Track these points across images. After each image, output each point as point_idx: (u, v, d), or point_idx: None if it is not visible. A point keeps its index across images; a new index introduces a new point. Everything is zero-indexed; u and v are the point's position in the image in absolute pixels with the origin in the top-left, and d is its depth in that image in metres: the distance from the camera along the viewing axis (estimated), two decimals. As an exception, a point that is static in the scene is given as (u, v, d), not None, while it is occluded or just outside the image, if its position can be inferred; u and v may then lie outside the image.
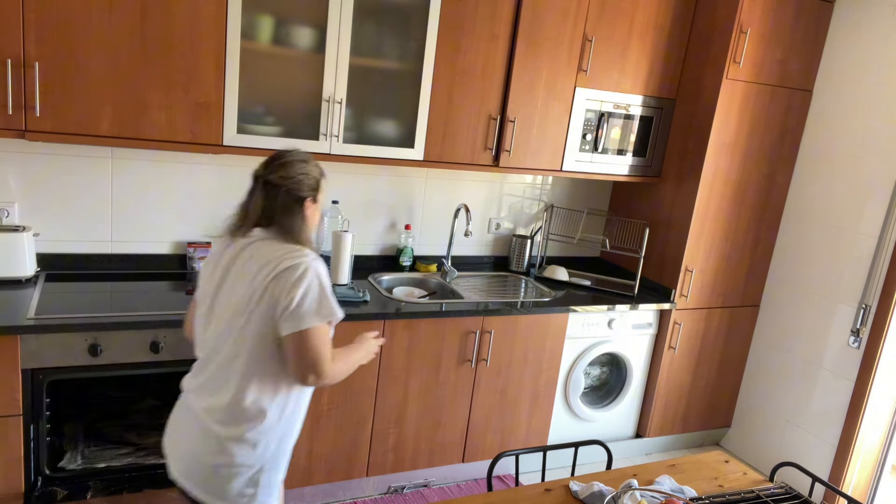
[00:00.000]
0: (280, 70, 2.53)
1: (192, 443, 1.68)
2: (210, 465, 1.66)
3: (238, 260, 1.70)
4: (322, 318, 1.65)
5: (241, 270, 1.67)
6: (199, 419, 1.67)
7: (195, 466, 1.67)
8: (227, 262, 1.71)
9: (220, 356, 1.67)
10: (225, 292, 1.69)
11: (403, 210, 3.27)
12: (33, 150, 2.55)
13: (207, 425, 1.66)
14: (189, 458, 1.68)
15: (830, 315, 3.27)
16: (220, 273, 1.71)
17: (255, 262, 1.66)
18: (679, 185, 3.32)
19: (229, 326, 1.65)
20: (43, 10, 2.15)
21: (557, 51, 2.97)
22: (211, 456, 1.65)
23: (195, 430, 1.68)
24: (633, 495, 1.73)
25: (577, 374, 3.24)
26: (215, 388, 1.67)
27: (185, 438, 1.70)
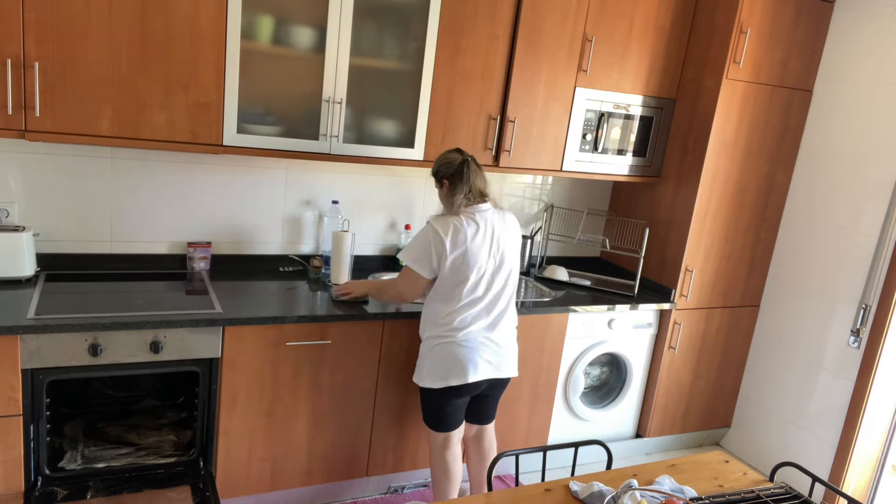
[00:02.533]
0: (280, 70, 2.53)
1: (507, 352, 2.51)
2: (516, 353, 2.59)
3: (498, 231, 2.42)
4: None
5: (504, 239, 2.43)
6: (503, 339, 2.49)
7: (513, 359, 2.55)
8: (491, 232, 2.40)
9: (502, 302, 2.46)
10: (500, 257, 2.42)
11: (403, 210, 3.27)
12: (33, 150, 2.55)
13: (510, 339, 2.53)
14: (510, 358, 2.53)
15: (830, 315, 3.27)
16: (489, 241, 2.39)
17: (508, 227, 2.46)
18: (679, 185, 3.32)
19: (508, 282, 2.46)
20: (43, 10, 2.16)
21: (557, 51, 2.97)
22: (516, 348, 2.58)
23: (505, 344, 2.50)
24: (633, 495, 1.73)
25: (577, 374, 3.24)
26: (508, 321, 2.51)
27: (499, 353, 2.48)
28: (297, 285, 2.83)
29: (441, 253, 2.34)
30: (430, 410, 2.54)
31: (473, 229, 2.37)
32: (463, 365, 2.42)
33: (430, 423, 2.56)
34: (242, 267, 2.99)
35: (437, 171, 2.44)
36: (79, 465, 2.38)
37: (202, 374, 2.42)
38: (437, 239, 2.33)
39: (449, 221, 2.35)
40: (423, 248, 2.36)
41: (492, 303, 2.44)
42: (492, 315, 2.45)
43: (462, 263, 2.36)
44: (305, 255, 3.11)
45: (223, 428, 2.51)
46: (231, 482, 2.59)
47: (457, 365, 2.42)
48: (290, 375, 2.57)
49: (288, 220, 3.04)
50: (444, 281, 2.39)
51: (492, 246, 2.40)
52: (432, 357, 2.44)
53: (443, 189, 2.44)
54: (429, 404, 2.53)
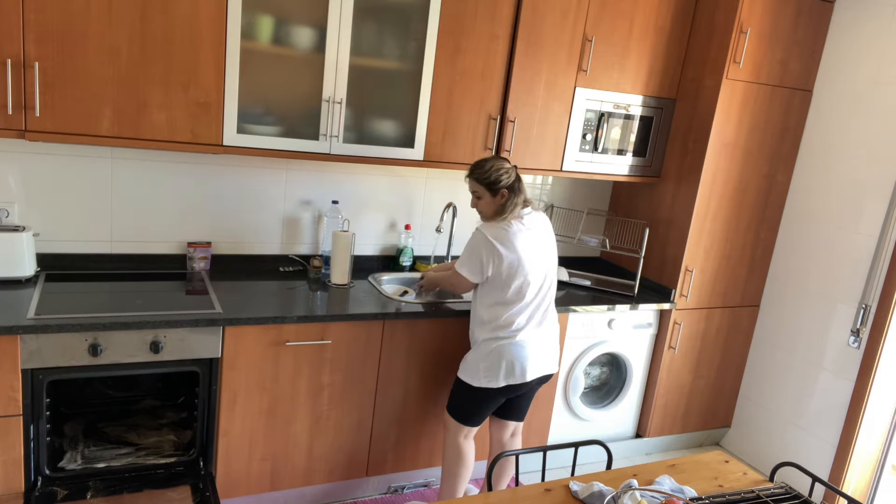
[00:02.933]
0: (280, 70, 2.53)
1: (552, 348, 2.60)
2: (558, 352, 2.67)
3: (540, 233, 2.50)
4: None
5: (545, 240, 2.52)
6: (549, 337, 2.58)
7: (557, 356, 2.64)
8: (538, 234, 2.48)
9: (547, 300, 2.55)
10: (545, 257, 2.50)
11: (403, 210, 3.27)
12: (33, 150, 2.55)
13: (554, 336, 2.62)
14: (556, 354, 2.63)
15: (830, 315, 3.27)
16: (537, 243, 2.47)
17: (547, 228, 2.56)
18: (679, 185, 3.32)
19: (552, 280, 2.55)
20: (43, 10, 2.16)
21: (557, 51, 2.97)
22: (558, 344, 2.69)
23: (551, 342, 2.59)
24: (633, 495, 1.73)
25: (577, 374, 3.24)
26: (552, 318, 2.60)
27: (546, 350, 2.56)
28: (297, 285, 2.83)
29: (493, 260, 2.40)
30: (468, 406, 2.57)
31: (525, 234, 2.43)
32: (522, 365, 2.49)
33: (462, 417, 2.59)
34: (242, 267, 2.99)
35: (497, 181, 2.43)
36: (79, 465, 2.38)
37: (202, 374, 2.42)
38: (489, 246, 2.39)
39: (500, 228, 2.41)
40: (474, 257, 2.43)
41: (540, 302, 2.52)
42: (540, 314, 2.53)
43: (518, 267, 2.41)
44: (305, 255, 3.11)
45: (223, 428, 2.51)
46: (231, 482, 2.59)
47: (517, 365, 2.48)
48: (290, 375, 2.57)
49: (288, 220, 3.04)
50: (499, 285, 2.44)
51: (539, 248, 2.48)
52: (492, 357, 2.47)
53: (497, 198, 2.45)
54: (472, 400, 2.55)
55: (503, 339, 2.47)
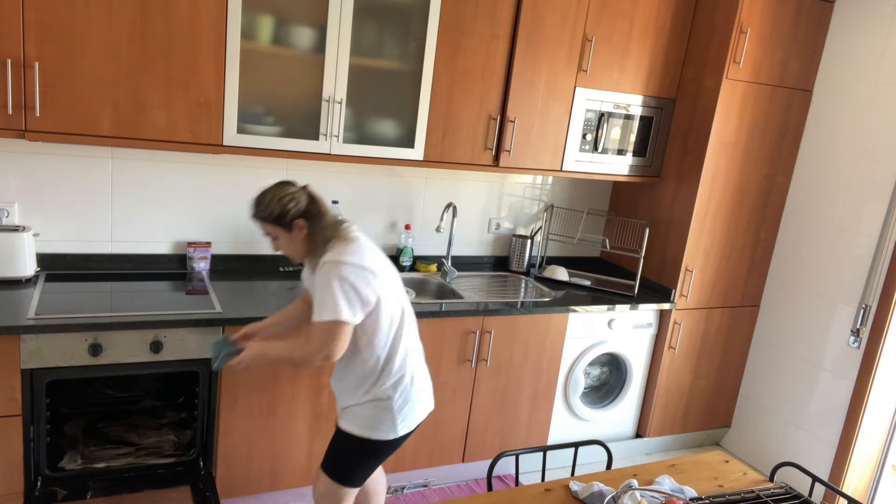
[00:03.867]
0: (280, 70, 2.53)
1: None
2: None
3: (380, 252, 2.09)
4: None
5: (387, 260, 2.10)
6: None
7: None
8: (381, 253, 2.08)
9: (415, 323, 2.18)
10: (397, 277, 2.12)
11: (403, 210, 3.27)
12: (33, 150, 2.55)
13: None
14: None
15: (830, 315, 3.27)
16: (387, 261, 2.09)
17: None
18: (679, 185, 3.32)
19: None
20: (43, 10, 2.16)
21: (557, 51, 2.97)
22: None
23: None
24: (633, 495, 1.73)
25: (577, 374, 3.24)
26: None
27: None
28: (297, 285, 2.83)
29: (369, 283, 1.93)
30: (368, 464, 2.11)
31: (374, 248, 2.05)
32: (428, 395, 2.17)
33: (354, 479, 2.11)
34: (242, 267, 2.99)
35: (283, 213, 1.95)
36: (79, 465, 2.38)
37: (202, 375, 2.42)
38: (355, 271, 1.91)
39: (347, 249, 1.94)
40: (345, 291, 1.89)
41: (413, 323, 2.15)
42: (417, 335, 2.19)
43: (389, 286, 2.02)
44: (305, 255, 3.11)
45: (223, 428, 2.51)
46: (231, 482, 2.59)
47: (425, 397, 2.14)
48: (290, 375, 2.57)
49: (288, 220, 3.04)
50: (378, 314, 1.98)
51: (390, 265, 2.09)
52: (401, 402, 2.05)
53: (295, 232, 1.98)
54: (375, 456, 2.10)
55: (405, 378, 2.06)
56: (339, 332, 1.90)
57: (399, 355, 2.05)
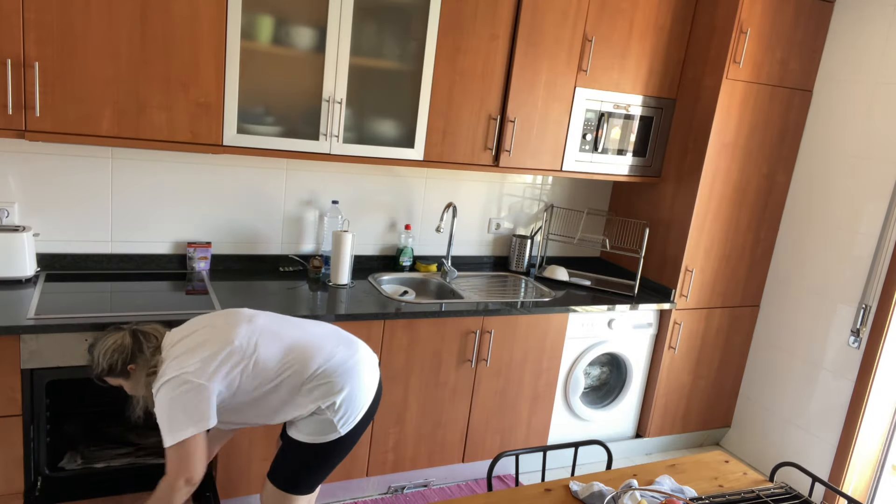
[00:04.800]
0: (280, 70, 2.53)
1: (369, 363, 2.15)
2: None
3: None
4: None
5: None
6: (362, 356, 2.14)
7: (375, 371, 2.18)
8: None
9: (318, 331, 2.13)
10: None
11: (403, 210, 3.27)
12: (33, 150, 2.55)
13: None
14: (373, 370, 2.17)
15: (830, 315, 3.27)
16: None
17: None
18: (679, 185, 3.32)
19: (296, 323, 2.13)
20: (43, 10, 2.16)
21: (557, 51, 2.97)
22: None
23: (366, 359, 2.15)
24: (633, 495, 1.73)
25: (577, 374, 3.24)
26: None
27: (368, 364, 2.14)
28: (297, 285, 2.83)
29: (195, 385, 1.82)
30: (324, 467, 2.05)
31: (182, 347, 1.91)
32: (365, 390, 2.07)
33: (307, 486, 2.05)
34: (242, 267, 2.99)
35: (112, 366, 1.91)
36: (79, 465, 2.38)
37: (202, 374, 2.42)
38: (177, 385, 1.81)
39: (169, 364, 1.86)
40: (188, 406, 1.81)
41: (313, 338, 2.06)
42: (334, 341, 2.09)
43: (246, 350, 1.92)
44: (305, 255, 3.11)
45: (223, 428, 2.51)
46: (231, 482, 2.59)
47: (361, 394, 2.06)
48: (290, 375, 2.57)
49: (288, 220, 3.04)
50: (247, 368, 1.91)
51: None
52: (333, 409, 1.98)
53: (135, 377, 1.92)
54: (324, 461, 2.04)
55: (317, 378, 1.98)
56: (188, 449, 1.81)
57: (303, 380, 1.96)
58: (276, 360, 1.95)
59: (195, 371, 1.83)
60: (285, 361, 1.96)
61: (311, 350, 2.00)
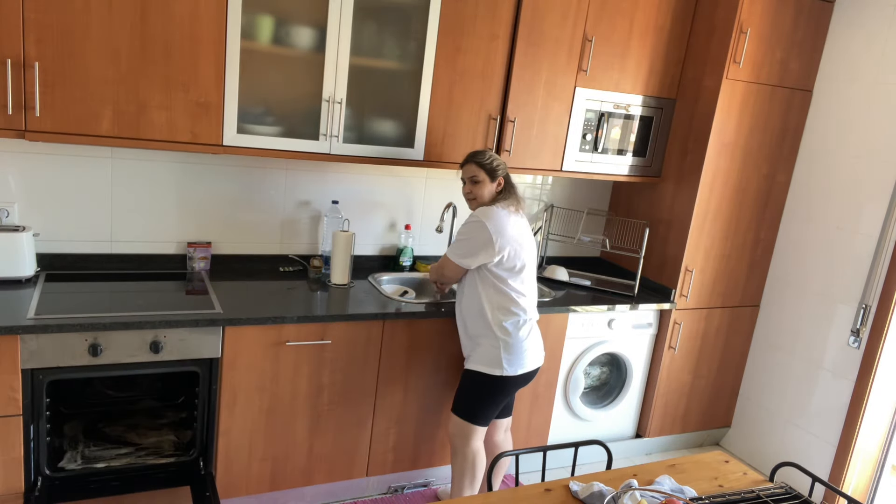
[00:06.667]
0: (280, 70, 2.53)
1: (541, 339, 2.66)
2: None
3: (528, 228, 2.59)
4: None
5: (531, 237, 2.60)
6: (537, 328, 2.65)
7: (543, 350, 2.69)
8: (526, 228, 2.57)
9: (536, 291, 2.67)
10: (533, 251, 2.59)
11: (403, 210, 3.27)
12: (33, 150, 2.55)
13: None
14: (542, 347, 2.67)
15: (830, 315, 3.27)
16: (528, 235, 2.57)
17: (530, 232, 2.62)
18: (679, 185, 3.32)
19: (535, 274, 2.64)
20: (43, 10, 2.16)
21: (557, 51, 2.97)
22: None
23: (539, 333, 2.66)
24: (633, 495, 1.73)
25: (577, 374, 3.24)
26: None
27: (540, 340, 2.64)
28: (297, 285, 2.83)
29: (496, 244, 2.43)
30: (487, 402, 2.55)
31: (519, 221, 2.52)
32: (540, 347, 2.60)
33: (474, 416, 2.55)
34: (242, 267, 2.99)
35: (496, 168, 2.54)
36: (79, 465, 2.38)
37: (202, 374, 2.42)
38: (485, 233, 2.43)
39: (497, 211, 2.46)
40: (468, 244, 2.46)
41: (534, 291, 2.60)
42: (536, 302, 2.62)
43: (520, 251, 2.48)
44: (305, 255, 3.11)
45: (223, 428, 2.51)
46: (231, 482, 2.59)
47: (537, 348, 2.57)
48: (290, 375, 2.57)
49: (288, 220, 3.04)
50: (506, 269, 2.47)
51: (530, 239, 2.57)
52: (514, 343, 2.49)
53: (495, 184, 2.55)
54: (489, 394, 2.54)
55: (522, 325, 2.50)
56: (449, 266, 2.53)
57: (512, 307, 2.48)
58: (518, 278, 2.50)
59: (495, 230, 2.43)
60: (529, 287, 2.55)
61: (533, 298, 2.57)
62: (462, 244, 2.48)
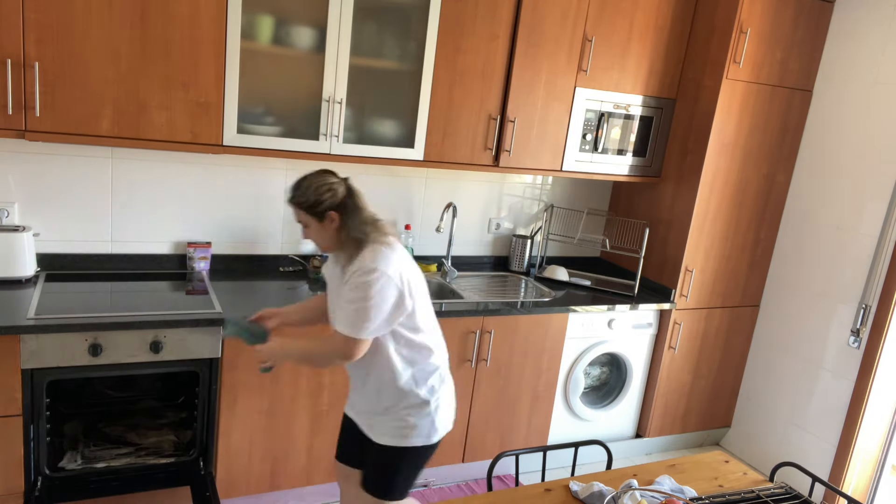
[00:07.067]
0: (280, 70, 2.53)
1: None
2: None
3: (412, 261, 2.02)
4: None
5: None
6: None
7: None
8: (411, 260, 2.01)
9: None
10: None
11: (403, 210, 3.27)
12: (33, 150, 2.55)
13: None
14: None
15: (830, 315, 3.27)
16: (416, 268, 2.01)
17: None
18: (679, 185, 3.32)
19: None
20: (43, 10, 2.16)
21: (557, 51, 2.97)
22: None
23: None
24: (633, 495, 1.73)
25: (577, 374, 3.24)
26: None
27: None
28: (297, 285, 2.83)
29: (406, 297, 1.89)
30: (412, 472, 2.06)
31: (401, 250, 1.96)
32: (453, 398, 2.11)
33: (399, 492, 2.05)
34: (242, 267, 2.99)
35: (318, 202, 1.89)
36: (79, 465, 2.38)
37: (202, 375, 2.42)
38: (392, 289, 1.85)
39: (386, 253, 1.87)
40: (382, 308, 1.85)
41: (438, 326, 2.13)
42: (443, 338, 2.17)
43: (416, 289, 1.95)
44: (305, 255, 3.11)
45: (223, 428, 2.51)
46: (231, 482, 2.59)
47: (453, 396, 2.12)
48: (290, 375, 2.57)
49: (288, 220, 3.04)
50: (412, 317, 1.95)
51: (417, 269, 2.02)
52: (442, 404, 2.03)
53: (326, 223, 1.91)
54: (417, 464, 2.06)
55: (442, 376, 2.04)
56: (359, 347, 1.86)
57: (430, 361, 2.00)
58: (427, 320, 2.00)
59: (405, 283, 1.88)
60: (431, 327, 2.02)
61: (441, 343, 2.09)
62: (366, 311, 1.82)
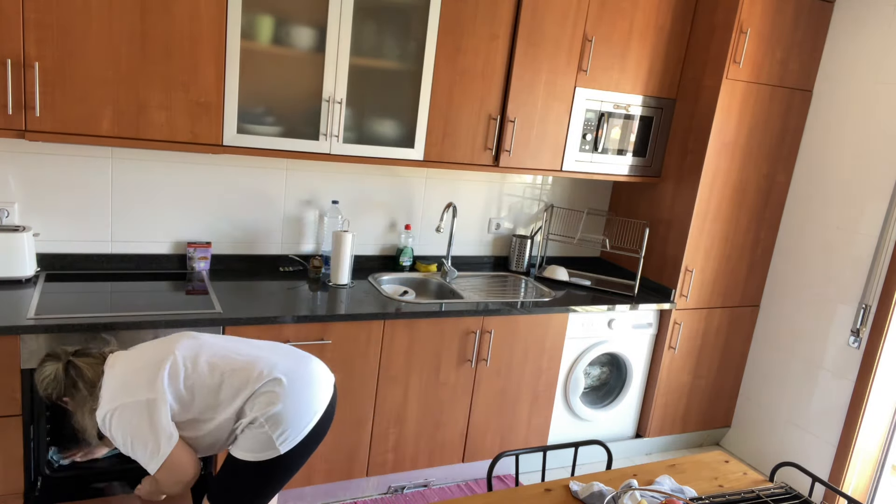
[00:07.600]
0: (280, 70, 2.53)
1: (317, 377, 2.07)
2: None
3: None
4: None
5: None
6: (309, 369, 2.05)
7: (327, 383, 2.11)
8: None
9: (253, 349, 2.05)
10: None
11: (403, 210, 3.27)
12: (33, 150, 2.55)
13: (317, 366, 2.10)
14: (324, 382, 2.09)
15: (830, 315, 3.27)
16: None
17: None
18: (679, 185, 3.32)
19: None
20: (43, 10, 2.16)
21: (557, 51, 2.97)
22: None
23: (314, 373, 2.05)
24: (633, 495, 1.73)
25: (577, 374, 3.24)
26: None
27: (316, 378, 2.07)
28: (297, 285, 2.83)
29: (157, 409, 1.79)
30: (265, 487, 1.93)
31: (144, 349, 1.92)
32: (316, 382, 2.01)
33: None
34: (242, 267, 2.99)
35: (49, 395, 1.91)
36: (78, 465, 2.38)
37: (202, 374, 2.42)
38: (139, 402, 1.78)
39: (116, 384, 1.82)
40: (150, 425, 1.77)
41: (257, 347, 2.02)
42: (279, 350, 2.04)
43: (197, 354, 1.89)
44: (305, 255, 3.11)
45: (223, 428, 2.50)
46: (231, 482, 2.58)
47: (303, 409, 1.95)
48: (290, 375, 2.56)
49: (288, 220, 3.04)
50: (201, 373, 1.87)
51: (177, 338, 1.96)
52: (290, 406, 1.89)
53: (70, 409, 1.92)
54: (283, 475, 1.95)
55: (263, 403, 1.87)
56: (177, 461, 1.80)
57: (248, 402, 1.87)
58: (221, 370, 1.88)
59: (144, 387, 1.79)
60: (229, 370, 1.88)
61: (255, 360, 1.92)
62: (143, 439, 1.77)
